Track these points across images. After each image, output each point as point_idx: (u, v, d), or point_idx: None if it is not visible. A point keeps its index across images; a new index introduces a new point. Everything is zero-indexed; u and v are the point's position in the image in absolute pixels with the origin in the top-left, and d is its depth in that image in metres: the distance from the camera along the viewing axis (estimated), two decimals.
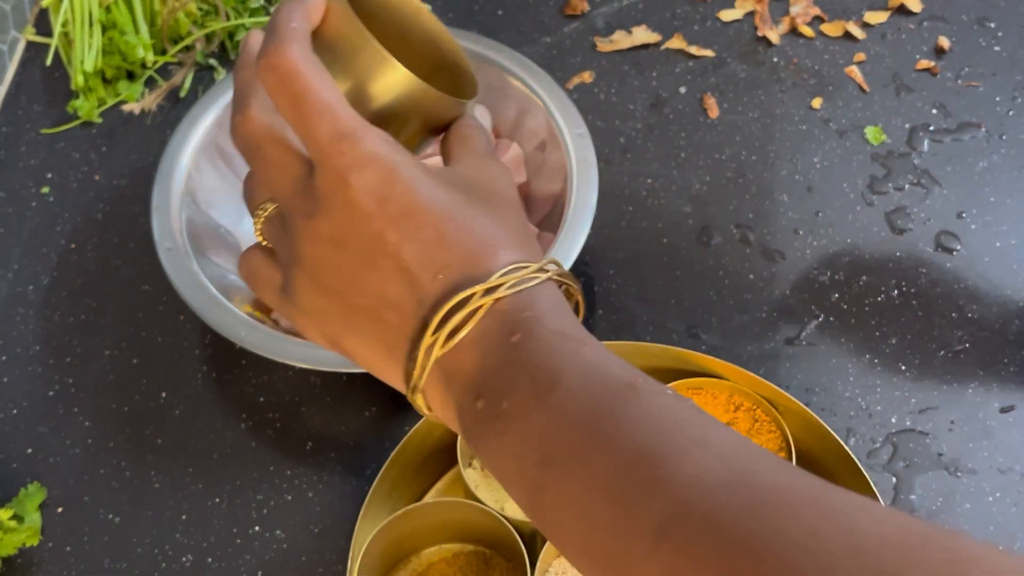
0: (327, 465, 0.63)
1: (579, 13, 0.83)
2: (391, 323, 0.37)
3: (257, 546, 0.61)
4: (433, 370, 0.37)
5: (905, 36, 0.81)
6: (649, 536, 0.30)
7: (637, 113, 0.77)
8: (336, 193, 0.36)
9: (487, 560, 0.59)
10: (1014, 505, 0.61)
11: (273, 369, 0.66)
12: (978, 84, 0.78)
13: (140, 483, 0.63)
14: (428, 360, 0.36)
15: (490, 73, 0.68)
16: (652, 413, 0.33)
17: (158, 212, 0.63)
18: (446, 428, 0.59)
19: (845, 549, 0.27)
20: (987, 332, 0.67)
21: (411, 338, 0.37)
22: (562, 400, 0.34)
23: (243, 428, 0.65)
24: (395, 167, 0.36)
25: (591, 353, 0.35)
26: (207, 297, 0.60)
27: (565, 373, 0.35)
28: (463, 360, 0.36)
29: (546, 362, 0.35)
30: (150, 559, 0.61)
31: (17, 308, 0.70)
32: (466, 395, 0.36)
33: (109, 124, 0.78)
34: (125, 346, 0.68)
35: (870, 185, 0.73)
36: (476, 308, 0.36)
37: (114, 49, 0.78)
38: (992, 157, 0.74)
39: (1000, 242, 0.70)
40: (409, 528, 0.56)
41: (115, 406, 0.66)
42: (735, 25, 0.82)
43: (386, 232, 0.36)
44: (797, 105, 0.77)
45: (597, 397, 0.34)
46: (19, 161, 0.76)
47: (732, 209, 0.72)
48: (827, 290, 0.69)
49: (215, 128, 0.66)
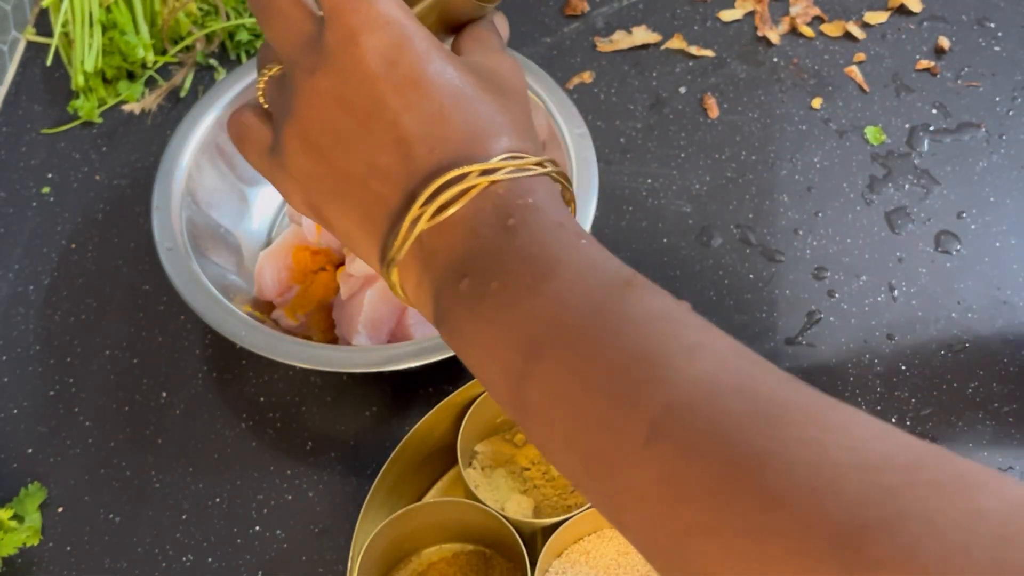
0: (327, 465, 0.63)
1: (579, 13, 0.83)
2: (377, 193, 0.36)
3: (257, 546, 0.61)
4: (414, 246, 0.36)
5: (905, 36, 0.81)
6: (643, 432, 0.29)
7: (637, 113, 0.77)
8: (344, 50, 0.35)
9: (487, 560, 0.59)
10: None
11: (273, 369, 0.66)
12: (978, 84, 0.78)
13: (140, 483, 0.63)
14: (411, 233, 0.35)
15: None
16: (653, 312, 0.32)
17: (158, 212, 0.63)
18: (446, 428, 0.59)
19: (850, 464, 0.26)
20: (987, 332, 0.67)
21: (396, 210, 0.36)
22: (560, 289, 0.33)
23: (243, 428, 0.65)
24: (408, 34, 0.36)
25: (590, 246, 0.34)
26: (207, 297, 0.60)
27: (563, 262, 0.33)
28: (450, 238, 0.35)
29: (544, 249, 0.34)
30: (150, 559, 0.61)
31: (17, 308, 0.70)
32: (449, 274, 0.35)
33: (109, 124, 0.78)
34: (125, 346, 0.68)
35: (870, 185, 0.73)
36: (470, 187, 0.35)
37: (114, 49, 0.78)
38: (992, 157, 0.74)
39: (1000, 242, 0.70)
40: (409, 528, 0.56)
41: (115, 406, 0.66)
42: (735, 25, 0.82)
43: (388, 97, 0.35)
44: (797, 105, 0.77)
45: (596, 290, 0.33)
46: (19, 161, 0.76)
47: (732, 209, 0.72)
48: (827, 290, 0.69)
49: (215, 128, 0.66)
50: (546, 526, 0.56)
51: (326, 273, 0.66)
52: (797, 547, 0.26)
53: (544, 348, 0.32)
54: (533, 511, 0.58)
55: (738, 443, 0.28)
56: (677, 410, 0.29)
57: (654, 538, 0.29)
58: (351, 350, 0.59)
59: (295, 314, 0.65)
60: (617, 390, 0.30)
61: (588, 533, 0.58)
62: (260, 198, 0.71)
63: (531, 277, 0.33)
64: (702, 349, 0.31)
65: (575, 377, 0.31)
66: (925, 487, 0.26)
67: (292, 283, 0.66)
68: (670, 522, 0.28)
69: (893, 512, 0.25)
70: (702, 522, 0.28)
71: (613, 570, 0.57)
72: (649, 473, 0.29)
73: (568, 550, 0.58)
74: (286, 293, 0.66)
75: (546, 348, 0.32)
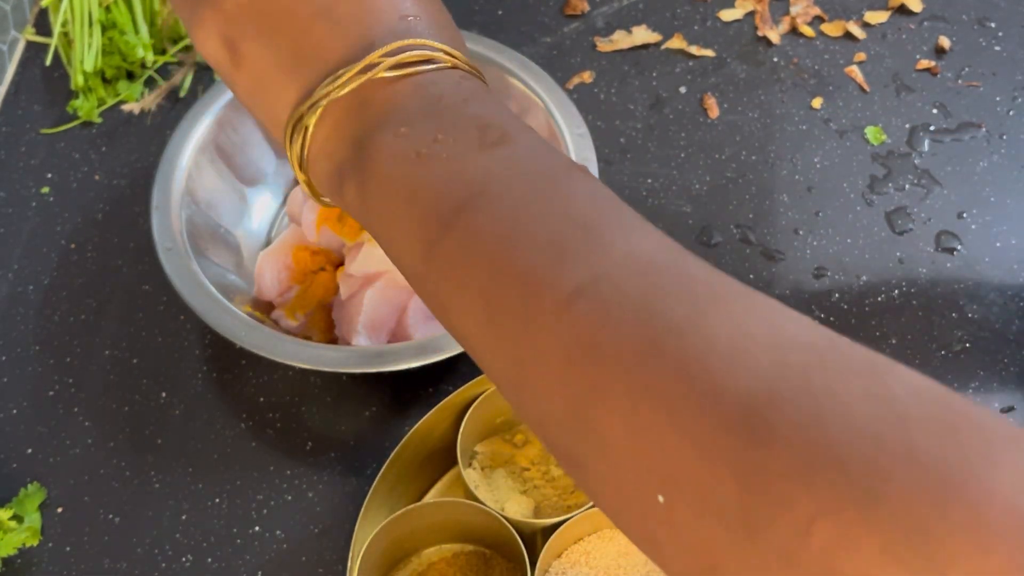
0: (327, 465, 0.63)
1: (579, 13, 0.83)
2: (320, 37, 0.35)
3: (257, 546, 0.61)
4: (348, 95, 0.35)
5: (905, 36, 0.81)
6: (567, 291, 0.28)
7: (637, 113, 0.77)
8: None
9: (487, 560, 0.58)
10: None
11: (273, 369, 0.66)
12: (978, 84, 0.78)
13: (140, 483, 0.63)
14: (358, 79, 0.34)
15: (490, 73, 0.68)
16: (596, 192, 0.32)
17: (158, 212, 0.63)
18: (446, 428, 0.59)
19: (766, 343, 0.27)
20: (987, 332, 0.67)
21: (339, 57, 0.35)
22: (511, 155, 0.32)
23: (243, 428, 0.65)
24: None
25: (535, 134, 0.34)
26: (207, 297, 0.60)
27: (514, 134, 0.33)
28: (394, 91, 0.34)
29: (497, 119, 0.34)
30: (150, 559, 0.60)
31: (17, 308, 0.70)
32: (382, 123, 0.34)
33: (109, 124, 0.78)
34: (125, 346, 0.68)
35: (870, 185, 0.73)
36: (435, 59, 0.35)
37: (114, 49, 0.78)
38: (992, 157, 0.74)
39: (1000, 242, 0.70)
40: (409, 528, 0.56)
41: (115, 406, 0.66)
42: (735, 25, 0.82)
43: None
44: (797, 105, 0.77)
45: (546, 165, 0.32)
46: (19, 161, 0.76)
47: (732, 209, 0.72)
48: (827, 290, 0.69)
49: (215, 128, 0.66)
50: (546, 526, 0.56)
51: (326, 273, 0.66)
52: (705, 413, 0.26)
53: (481, 200, 0.31)
54: (533, 511, 0.58)
55: (661, 313, 0.28)
56: (607, 278, 0.29)
57: (552, 403, 0.29)
58: (351, 350, 0.59)
59: (295, 314, 0.65)
60: (550, 248, 0.30)
61: (588, 533, 0.58)
62: (260, 198, 0.71)
63: (480, 141, 0.33)
64: (643, 231, 0.31)
65: (508, 231, 0.31)
66: (835, 367, 0.26)
67: (292, 283, 0.66)
68: (576, 383, 0.28)
69: (801, 386, 0.25)
70: (609, 384, 0.27)
71: (613, 570, 0.57)
72: (564, 332, 0.28)
73: (568, 550, 0.58)
74: (286, 293, 0.66)
75: (483, 201, 0.31)
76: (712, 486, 0.25)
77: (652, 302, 0.28)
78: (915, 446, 0.24)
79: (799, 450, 0.25)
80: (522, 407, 0.30)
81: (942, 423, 0.25)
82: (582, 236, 0.30)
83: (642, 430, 0.27)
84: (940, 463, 0.24)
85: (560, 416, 0.29)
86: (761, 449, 0.25)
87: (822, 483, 0.24)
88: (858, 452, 0.24)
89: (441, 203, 0.32)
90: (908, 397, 0.26)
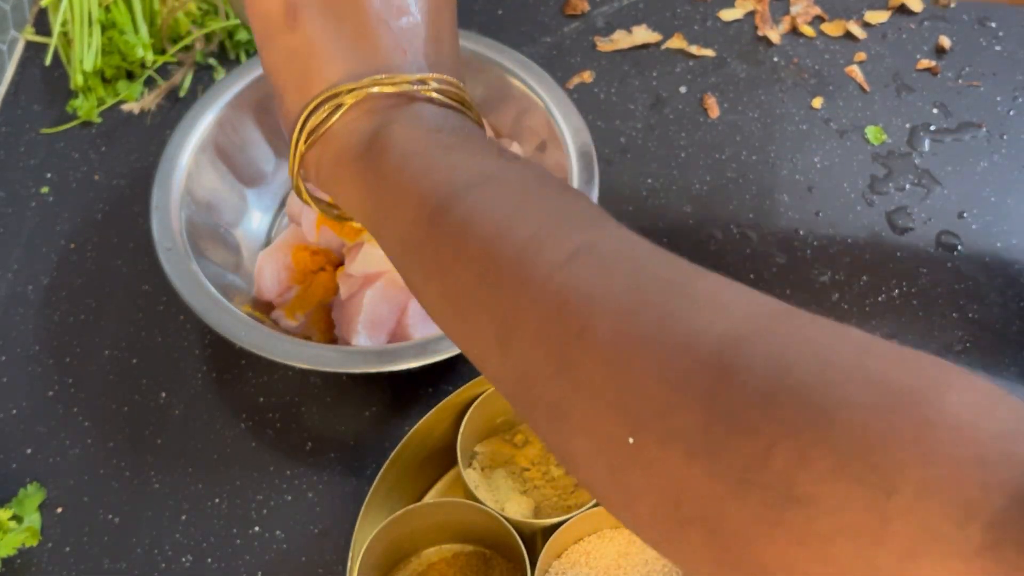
0: (327, 465, 0.63)
1: (579, 13, 0.83)
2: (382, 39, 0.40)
3: (257, 546, 0.61)
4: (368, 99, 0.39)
5: (906, 36, 0.81)
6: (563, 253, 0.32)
7: (637, 113, 0.77)
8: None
9: (487, 560, 0.58)
10: None
11: (273, 369, 0.66)
12: (979, 84, 0.78)
13: (140, 483, 0.63)
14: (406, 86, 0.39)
15: (490, 73, 0.68)
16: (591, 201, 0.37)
17: (158, 212, 0.63)
18: (446, 428, 0.59)
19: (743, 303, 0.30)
20: (987, 332, 0.67)
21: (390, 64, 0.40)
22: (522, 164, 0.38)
23: (243, 428, 0.65)
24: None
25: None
26: (207, 297, 0.60)
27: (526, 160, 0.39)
28: (435, 109, 0.40)
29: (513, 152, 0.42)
30: (150, 559, 0.60)
31: (17, 308, 0.70)
32: (416, 120, 0.39)
33: (109, 124, 0.78)
34: (125, 346, 0.68)
35: (871, 185, 0.73)
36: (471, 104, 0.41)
37: (113, 49, 0.78)
38: (993, 157, 0.74)
39: (1001, 242, 0.70)
40: (409, 528, 0.56)
41: (115, 406, 0.66)
42: (735, 25, 0.82)
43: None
44: (797, 105, 0.77)
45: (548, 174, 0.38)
46: (19, 161, 0.76)
47: (732, 209, 0.72)
48: (827, 290, 0.69)
49: (215, 128, 0.66)
50: (546, 527, 0.56)
51: (325, 273, 0.66)
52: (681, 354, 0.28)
53: (491, 182, 0.36)
54: (533, 511, 0.58)
55: (651, 273, 0.31)
56: (603, 243, 0.32)
57: (538, 351, 0.31)
58: (351, 350, 0.59)
59: (295, 314, 0.65)
60: (550, 221, 0.34)
61: (588, 534, 0.58)
62: (260, 198, 0.71)
63: (497, 152, 0.38)
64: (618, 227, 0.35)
65: (512, 208, 0.34)
66: (800, 317, 0.29)
67: (292, 283, 0.66)
68: (565, 330, 0.31)
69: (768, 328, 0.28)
70: (596, 329, 0.30)
71: (613, 571, 0.57)
72: (558, 285, 0.31)
73: (568, 551, 0.58)
74: (286, 293, 0.66)
75: (493, 183, 0.36)
76: (681, 417, 0.27)
77: (643, 264, 0.31)
78: (871, 371, 0.26)
79: (763, 381, 0.27)
80: (508, 360, 0.33)
81: (899, 354, 0.27)
82: (579, 216, 0.34)
83: (621, 371, 0.29)
84: (893, 385, 0.26)
85: (544, 363, 0.31)
86: (729, 381, 0.27)
87: (784, 409, 0.26)
88: (817, 378, 0.26)
89: (455, 179, 0.36)
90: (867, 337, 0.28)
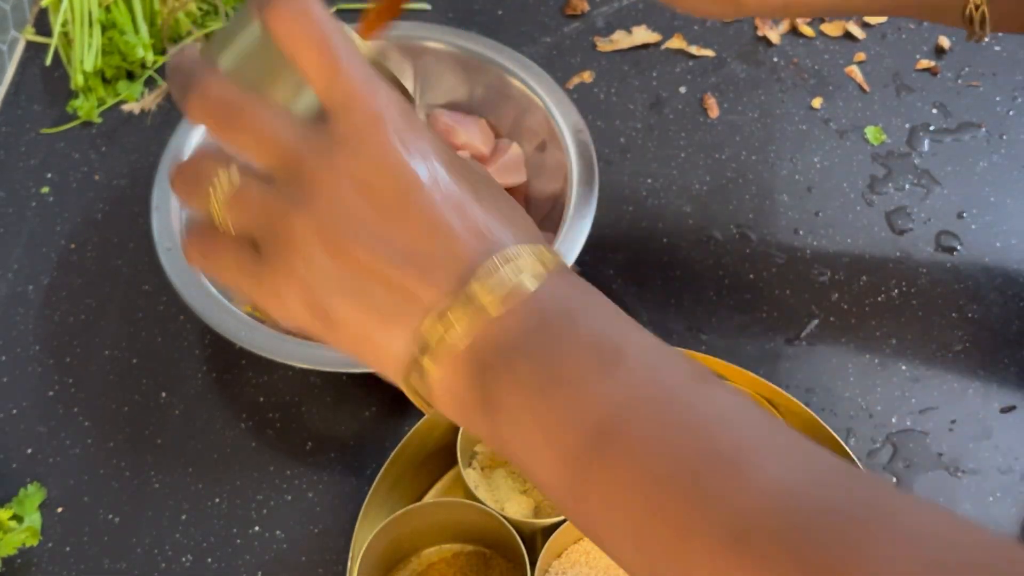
0: (327, 465, 0.63)
1: (579, 13, 0.83)
2: (408, 285, 0.34)
3: (257, 546, 0.61)
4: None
5: (905, 36, 0.81)
6: (719, 541, 0.29)
7: (637, 113, 0.77)
8: (368, 133, 0.34)
9: (487, 560, 0.58)
10: (1014, 505, 0.61)
11: (273, 369, 0.66)
12: (978, 84, 0.78)
13: (140, 483, 0.63)
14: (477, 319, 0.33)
15: (490, 73, 0.68)
16: (721, 404, 0.32)
17: (158, 212, 0.63)
18: (446, 428, 0.59)
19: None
20: (987, 332, 0.67)
21: (436, 299, 0.34)
22: (629, 376, 0.32)
23: (243, 428, 0.65)
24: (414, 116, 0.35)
25: (649, 337, 0.34)
26: (207, 297, 0.60)
27: (630, 348, 0.33)
28: (505, 326, 0.33)
29: (609, 335, 0.33)
30: (150, 559, 0.60)
31: (17, 308, 0.70)
32: (500, 360, 0.33)
33: (109, 124, 0.78)
34: (125, 346, 0.68)
35: (870, 185, 0.73)
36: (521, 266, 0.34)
37: (114, 49, 0.78)
38: (992, 157, 0.74)
39: (1000, 242, 0.70)
40: (409, 528, 0.56)
41: (115, 406, 0.66)
42: (735, 25, 0.82)
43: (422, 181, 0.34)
44: (797, 105, 0.77)
45: (665, 379, 0.32)
46: (19, 161, 0.76)
47: (732, 209, 0.72)
48: (827, 290, 0.69)
49: None
50: (546, 526, 0.56)
51: None
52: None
53: (613, 435, 0.31)
54: (533, 511, 0.58)
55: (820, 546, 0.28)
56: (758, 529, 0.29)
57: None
58: None
59: None
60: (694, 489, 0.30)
61: None
62: None
63: (599, 363, 0.32)
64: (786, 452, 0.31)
65: (645, 469, 0.31)
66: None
67: None
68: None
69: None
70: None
71: (613, 570, 0.57)
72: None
73: (568, 550, 0.58)
74: None
75: (616, 437, 0.31)
76: None
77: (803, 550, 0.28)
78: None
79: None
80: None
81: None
82: (723, 474, 0.30)
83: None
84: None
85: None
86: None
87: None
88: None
89: (575, 440, 0.32)
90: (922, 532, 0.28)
